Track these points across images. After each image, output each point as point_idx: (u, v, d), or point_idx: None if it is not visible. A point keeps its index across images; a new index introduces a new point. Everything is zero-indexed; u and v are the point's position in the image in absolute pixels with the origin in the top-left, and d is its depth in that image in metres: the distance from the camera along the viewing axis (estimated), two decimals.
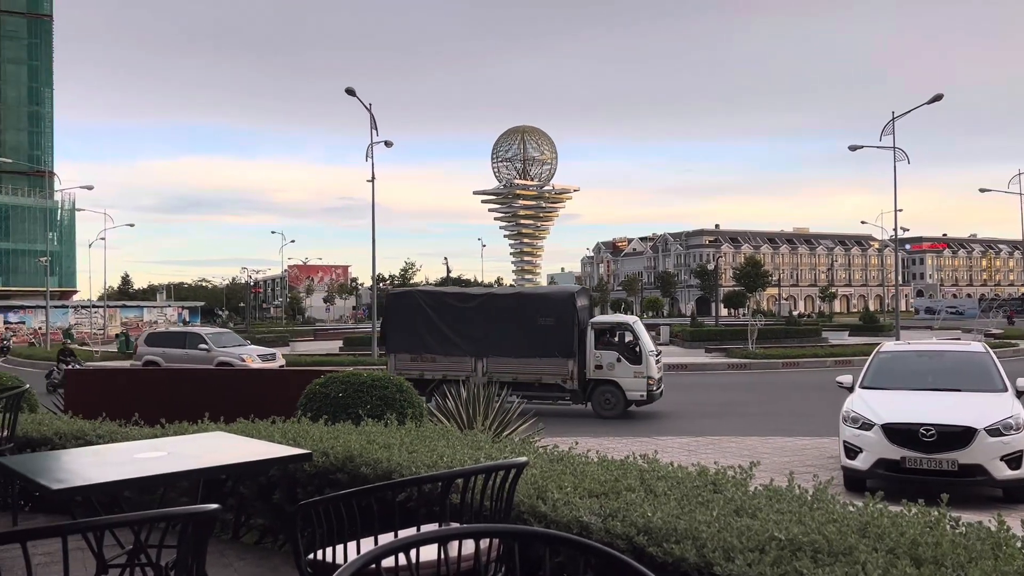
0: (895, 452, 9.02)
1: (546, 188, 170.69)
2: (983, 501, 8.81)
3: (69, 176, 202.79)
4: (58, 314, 58.99)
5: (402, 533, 2.80)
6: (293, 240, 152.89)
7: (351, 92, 31.29)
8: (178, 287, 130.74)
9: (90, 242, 60.31)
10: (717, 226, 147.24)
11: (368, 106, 32.04)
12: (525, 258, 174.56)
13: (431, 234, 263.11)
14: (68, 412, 8.30)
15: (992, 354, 11.06)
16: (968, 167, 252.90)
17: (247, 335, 39.01)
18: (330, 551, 2.95)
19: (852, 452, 9.43)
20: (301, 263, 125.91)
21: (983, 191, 48.81)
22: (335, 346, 42.20)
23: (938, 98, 31.72)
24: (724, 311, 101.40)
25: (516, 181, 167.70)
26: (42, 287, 54.54)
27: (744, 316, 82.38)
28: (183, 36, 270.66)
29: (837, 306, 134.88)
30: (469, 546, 2.44)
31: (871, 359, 11.36)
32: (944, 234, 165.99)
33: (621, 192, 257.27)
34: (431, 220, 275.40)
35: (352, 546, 2.94)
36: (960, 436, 8.87)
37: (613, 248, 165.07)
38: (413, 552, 1.98)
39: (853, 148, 35.97)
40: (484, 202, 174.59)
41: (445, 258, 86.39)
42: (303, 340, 50.53)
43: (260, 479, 5.01)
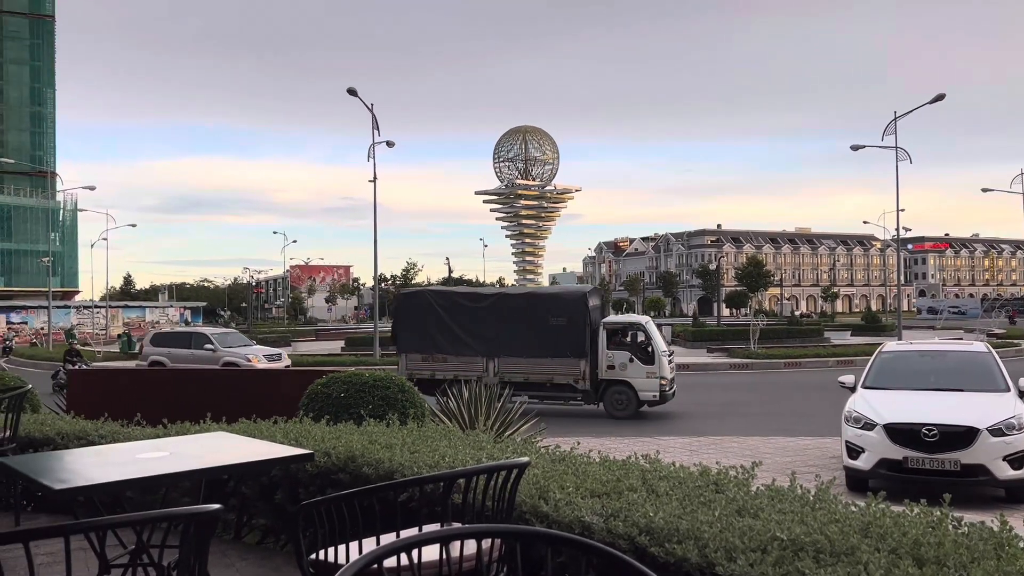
0: (897, 452, 9.01)
1: (548, 188, 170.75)
2: (986, 501, 8.80)
3: (71, 176, 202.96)
4: (60, 314, 59.10)
5: (404, 533, 2.80)
6: (295, 240, 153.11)
7: (353, 92, 31.28)
8: (180, 287, 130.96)
9: (92, 242, 60.49)
10: (719, 226, 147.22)
11: (370, 106, 32.06)
12: (527, 258, 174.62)
13: (432, 234, 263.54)
14: (70, 412, 8.32)
15: (994, 354, 11.04)
16: (969, 167, 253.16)
17: (250, 335, 39.03)
18: (332, 551, 2.95)
19: (854, 452, 9.42)
20: (303, 263, 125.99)
21: (985, 191, 48.66)
22: (337, 346, 42.24)
23: (940, 98, 31.67)
24: (726, 311, 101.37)
25: (518, 181, 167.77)
26: (44, 287, 54.64)
27: (746, 316, 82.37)
28: (184, 36, 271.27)
29: (839, 306, 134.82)
30: (471, 546, 2.44)
31: (873, 359, 11.35)
32: (946, 234, 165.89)
33: (622, 192, 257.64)
34: (432, 220, 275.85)
35: (354, 546, 2.94)
36: (962, 436, 8.86)
37: (615, 248, 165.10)
38: (415, 552, 1.98)
39: (855, 148, 35.92)
40: (486, 202, 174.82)
41: (447, 258, 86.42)
42: (305, 340, 50.60)
43: (262, 479, 5.01)
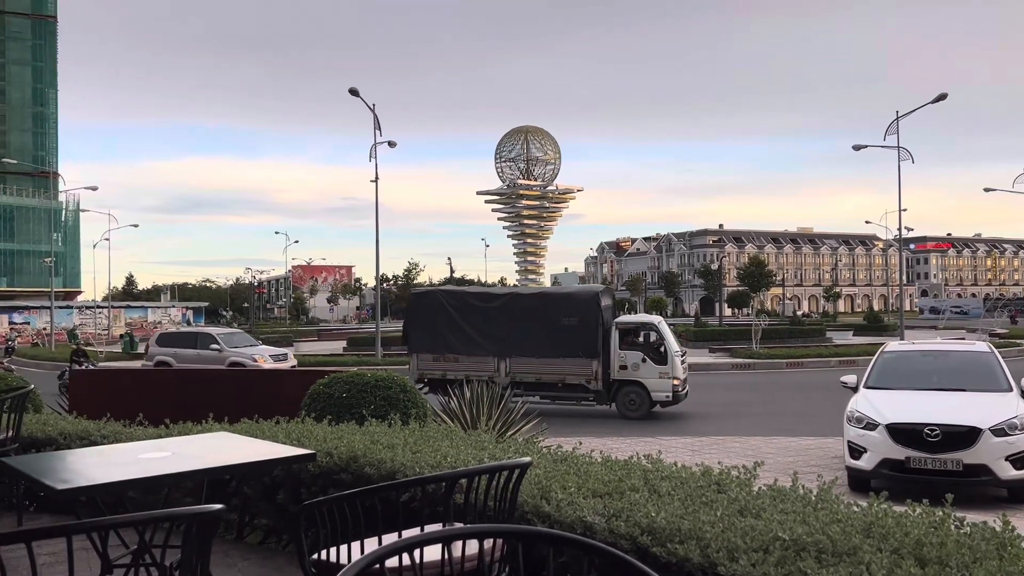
0: (899, 452, 9.00)
1: (549, 188, 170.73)
2: (988, 501, 8.79)
3: (73, 177, 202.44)
4: (62, 315, 59.14)
5: (406, 533, 2.80)
6: (297, 240, 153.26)
7: (355, 93, 31.26)
8: (182, 287, 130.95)
9: (94, 243, 60.72)
10: (721, 226, 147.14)
11: (372, 107, 32.06)
12: (529, 258, 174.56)
13: (434, 234, 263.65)
14: (73, 412, 8.33)
15: (997, 354, 11.02)
16: (971, 166, 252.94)
17: (252, 335, 39.03)
18: (334, 551, 2.95)
19: (856, 452, 9.41)
20: (305, 263, 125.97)
21: (988, 190, 48.58)
22: (339, 346, 42.27)
23: (942, 97, 31.63)
24: (728, 311, 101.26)
25: (520, 181, 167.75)
26: (46, 288, 54.65)
27: (748, 316, 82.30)
28: (186, 37, 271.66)
29: (841, 306, 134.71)
30: (473, 546, 2.44)
31: (875, 359, 11.34)
32: (948, 234, 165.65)
33: (623, 192, 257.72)
34: (434, 220, 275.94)
35: (356, 546, 2.94)
36: (965, 436, 8.85)
37: (617, 248, 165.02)
38: (417, 552, 1.98)
39: (857, 148, 35.89)
40: (488, 202, 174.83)
41: (448, 258, 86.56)
42: (307, 340, 50.66)
43: (264, 479, 5.01)
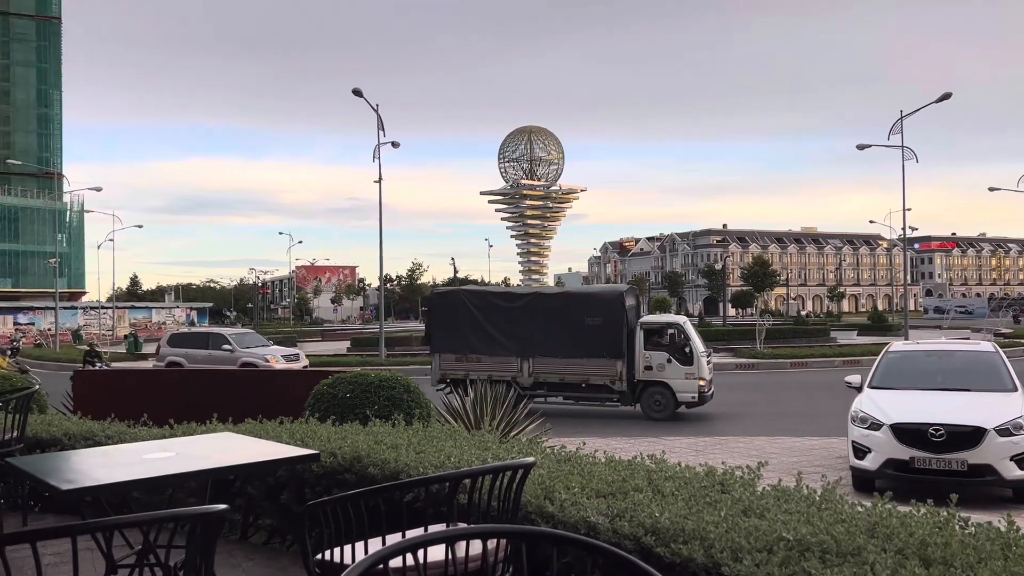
0: (904, 452, 8.99)
1: (553, 188, 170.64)
2: (993, 501, 8.77)
3: (77, 178, 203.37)
4: (67, 315, 59.32)
5: (410, 533, 2.80)
6: (300, 241, 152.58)
7: (358, 93, 31.25)
8: (186, 288, 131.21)
9: (99, 243, 60.50)
10: (725, 226, 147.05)
11: (375, 107, 32.06)
12: (532, 258, 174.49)
13: (437, 234, 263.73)
14: (77, 413, 8.35)
15: (1002, 354, 11.00)
16: (975, 166, 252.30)
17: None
18: (338, 551, 2.95)
19: (861, 452, 9.40)
20: (309, 264, 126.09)
21: (992, 190, 48.51)
22: (343, 346, 42.30)
23: (947, 97, 31.58)
24: (732, 311, 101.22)
25: (523, 181, 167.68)
26: (51, 288, 54.83)
27: (752, 316, 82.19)
28: (189, 37, 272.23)
29: (845, 306, 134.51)
30: (477, 546, 2.44)
31: (880, 359, 11.31)
32: (953, 233, 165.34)
33: (625, 192, 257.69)
34: (437, 220, 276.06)
35: (360, 546, 2.94)
36: (969, 436, 8.83)
37: (620, 248, 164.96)
38: (421, 552, 1.98)
39: (861, 147, 35.85)
40: (491, 202, 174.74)
41: (452, 258, 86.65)
42: (311, 341, 50.72)
43: (268, 479, 5.02)
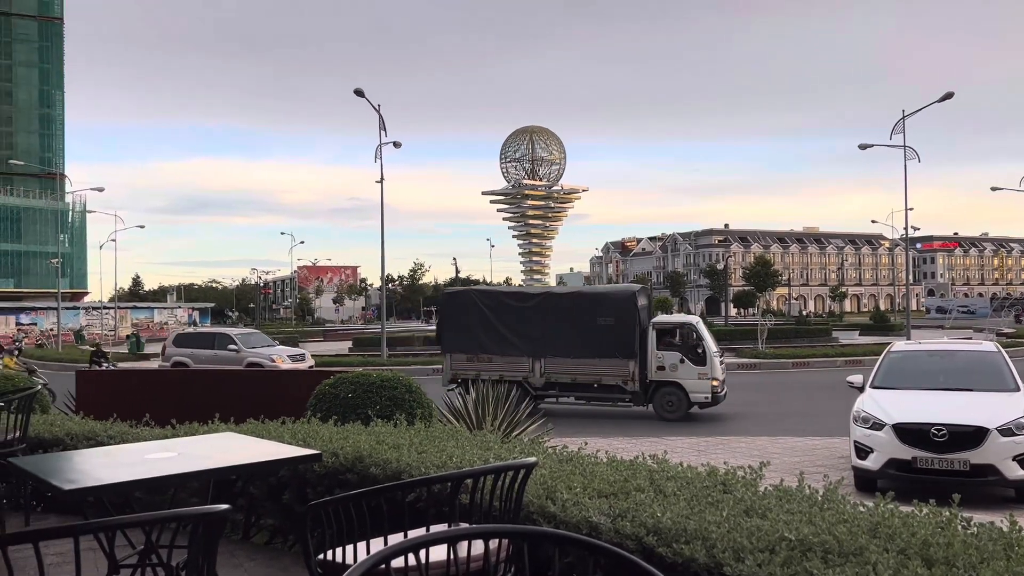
0: (906, 452, 8.98)
1: (555, 188, 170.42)
2: (995, 501, 8.76)
3: (80, 178, 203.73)
4: (69, 315, 59.37)
5: (412, 533, 2.80)
6: (302, 241, 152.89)
7: (360, 93, 31.24)
8: (188, 288, 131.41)
9: (101, 244, 60.66)
10: (726, 225, 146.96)
11: (377, 107, 32.05)
12: (534, 258, 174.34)
13: (439, 234, 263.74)
14: (79, 413, 8.36)
15: (1004, 353, 11.00)
16: (977, 166, 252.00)
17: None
18: (340, 551, 2.95)
19: (863, 452, 9.39)
20: (310, 264, 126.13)
21: (995, 189, 48.47)
22: (344, 347, 42.28)
23: (949, 96, 31.50)
24: (734, 311, 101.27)
25: (525, 181, 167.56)
26: (54, 288, 54.89)
27: (754, 316, 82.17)
28: (190, 37, 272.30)
29: (847, 305, 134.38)
30: (478, 546, 2.44)
31: (882, 359, 11.31)
32: (955, 233, 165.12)
33: (626, 192, 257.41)
34: (439, 220, 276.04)
35: (362, 546, 2.94)
36: (972, 436, 8.82)
37: (622, 248, 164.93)
38: (423, 552, 1.98)
39: (863, 147, 35.79)
40: (493, 202, 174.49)
41: (454, 259, 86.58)
42: (313, 341, 50.66)
43: (270, 479, 5.02)
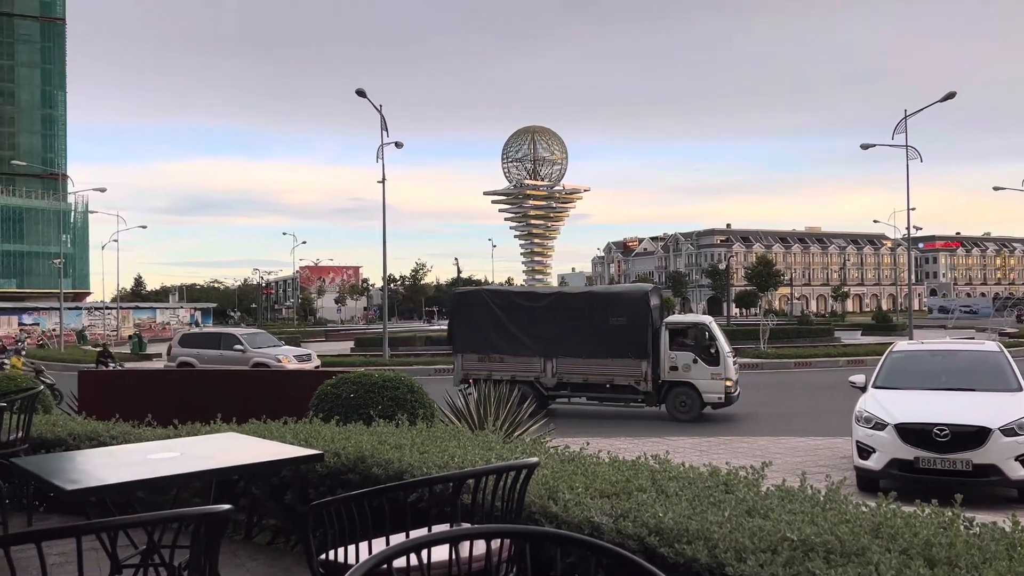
0: (908, 452, 8.97)
1: (556, 188, 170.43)
2: (998, 501, 8.74)
3: (82, 178, 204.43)
4: (72, 316, 59.43)
5: (414, 533, 2.81)
6: (304, 241, 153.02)
7: (361, 94, 31.24)
8: (190, 288, 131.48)
9: (103, 244, 60.99)
10: (728, 225, 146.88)
11: (379, 107, 32.06)
12: (536, 258, 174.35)
13: (441, 234, 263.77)
14: (82, 413, 8.37)
15: (1007, 353, 10.97)
16: (979, 165, 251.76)
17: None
18: (342, 551, 2.96)
19: (865, 452, 9.38)
20: (312, 264, 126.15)
21: (997, 189, 48.43)
22: (346, 347, 42.31)
23: (951, 96, 31.45)
24: (736, 311, 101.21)
25: (526, 181, 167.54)
26: (56, 289, 54.95)
27: (756, 316, 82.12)
28: (191, 38, 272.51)
29: (850, 305, 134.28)
30: (480, 547, 2.44)
31: (884, 359, 11.30)
32: (957, 233, 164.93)
33: (627, 192, 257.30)
34: (441, 220, 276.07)
35: (364, 546, 2.94)
36: (974, 436, 8.81)
37: (624, 248, 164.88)
38: (424, 552, 1.98)
39: (865, 146, 35.75)
40: (494, 202, 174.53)
41: (455, 259, 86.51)
42: (314, 341, 50.67)
43: (272, 480, 5.02)
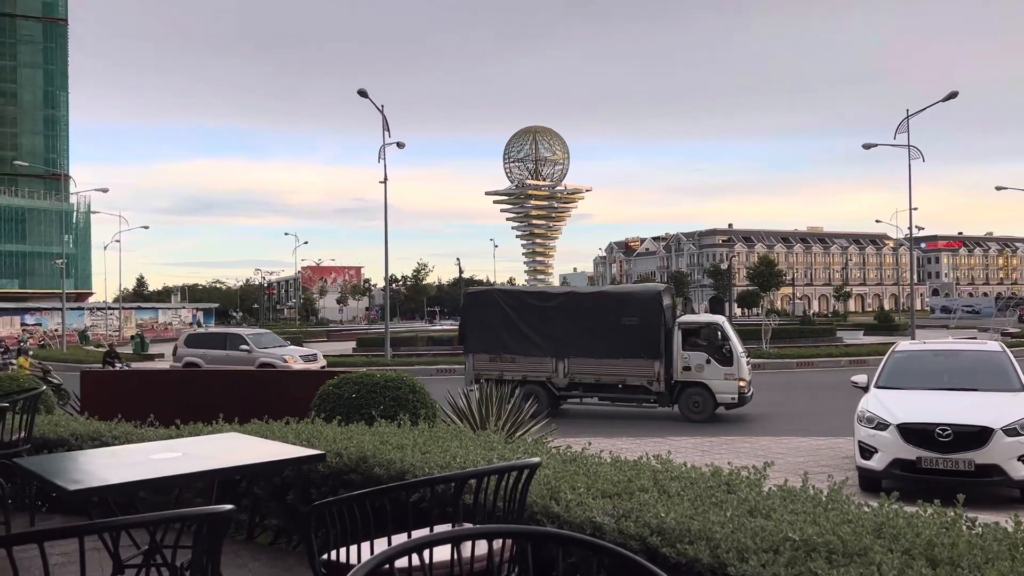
0: (911, 452, 8.96)
1: (558, 188, 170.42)
2: (1000, 501, 8.73)
3: (84, 179, 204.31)
4: (74, 316, 59.53)
5: (415, 534, 2.80)
6: (306, 241, 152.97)
7: (363, 94, 31.24)
8: (192, 289, 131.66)
9: (105, 244, 61.23)
10: (730, 225, 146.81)
11: (380, 108, 32.08)
12: (537, 258, 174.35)
13: (443, 235, 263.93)
14: (84, 413, 8.38)
15: (1009, 353, 10.95)
16: (981, 165, 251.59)
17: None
18: (344, 551, 2.96)
19: (867, 452, 9.37)
20: (314, 264, 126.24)
21: (999, 189, 48.35)
22: (348, 347, 42.36)
23: (953, 95, 31.39)
24: (738, 311, 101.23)
25: (528, 181, 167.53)
26: (58, 289, 55.02)
27: (758, 316, 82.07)
28: (192, 38, 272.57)
29: (852, 305, 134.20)
30: (482, 547, 2.44)
31: (886, 358, 11.28)
32: (960, 232, 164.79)
33: (629, 192, 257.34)
34: (442, 220, 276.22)
35: (366, 546, 2.94)
36: (977, 436, 8.80)
37: (626, 248, 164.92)
38: (426, 553, 1.98)
39: (867, 146, 35.68)
40: (496, 202, 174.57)
41: (457, 259, 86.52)
42: (317, 341, 50.71)
43: (274, 480, 5.03)
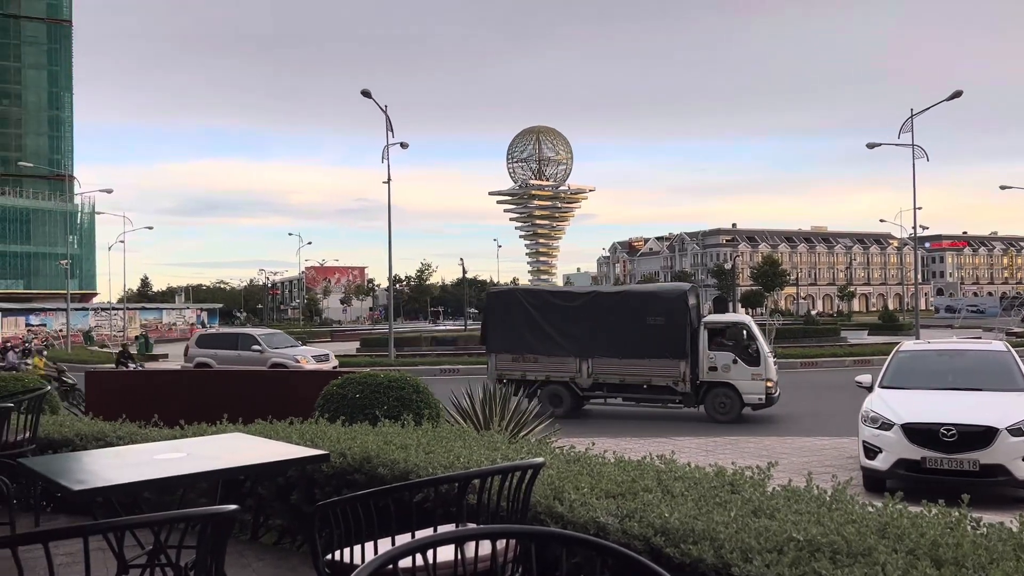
0: (915, 452, 8.94)
1: (561, 188, 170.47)
2: (1005, 502, 8.70)
3: (88, 179, 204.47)
4: (78, 316, 59.65)
5: (419, 534, 2.81)
6: (310, 242, 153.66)
7: (367, 94, 31.30)
8: (196, 289, 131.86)
9: (109, 245, 60.98)
10: (734, 225, 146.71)
11: (384, 108, 32.12)
12: (541, 258, 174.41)
13: (446, 235, 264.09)
14: (89, 414, 8.40)
15: (1014, 353, 10.92)
16: (985, 164, 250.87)
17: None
18: (348, 551, 2.96)
19: (872, 452, 9.35)
20: (318, 265, 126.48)
21: (1004, 188, 48.27)
22: (352, 347, 42.39)
23: (958, 95, 31.32)
24: (742, 310, 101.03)
25: (531, 181, 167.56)
26: (63, 290, 55.13)
27: (762, 315, 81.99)
28: (194, 39, 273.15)
29: (856, 305, 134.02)
30: (486, 547, 2.44)
31: (890, 358, 11.26)
32: (964, 232, 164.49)
33: (632, 192, 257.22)
34: (445, 220, 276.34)
35: (369, 546, 2.94)
36: (981, 436, 8.78)
37: (629, 248, 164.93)
38: (430, 553, 1.99)
39: (871, 146, 35.63)
40: (500, 203, 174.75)
41: (461, 259, 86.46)
42: (320, 341, 50.71)
43: (278, 480, 5.03)
